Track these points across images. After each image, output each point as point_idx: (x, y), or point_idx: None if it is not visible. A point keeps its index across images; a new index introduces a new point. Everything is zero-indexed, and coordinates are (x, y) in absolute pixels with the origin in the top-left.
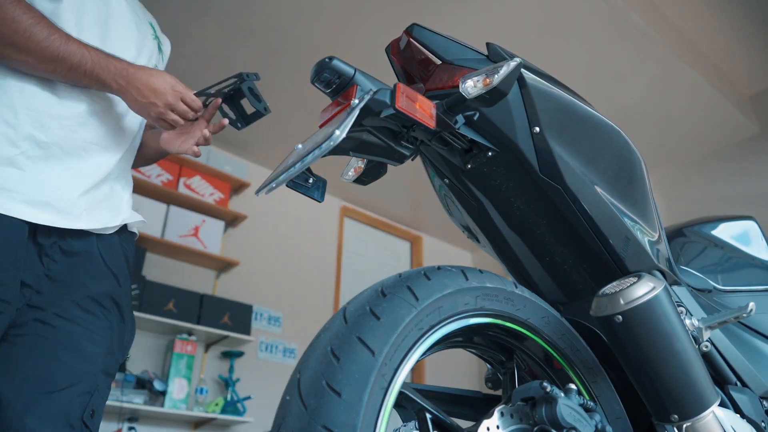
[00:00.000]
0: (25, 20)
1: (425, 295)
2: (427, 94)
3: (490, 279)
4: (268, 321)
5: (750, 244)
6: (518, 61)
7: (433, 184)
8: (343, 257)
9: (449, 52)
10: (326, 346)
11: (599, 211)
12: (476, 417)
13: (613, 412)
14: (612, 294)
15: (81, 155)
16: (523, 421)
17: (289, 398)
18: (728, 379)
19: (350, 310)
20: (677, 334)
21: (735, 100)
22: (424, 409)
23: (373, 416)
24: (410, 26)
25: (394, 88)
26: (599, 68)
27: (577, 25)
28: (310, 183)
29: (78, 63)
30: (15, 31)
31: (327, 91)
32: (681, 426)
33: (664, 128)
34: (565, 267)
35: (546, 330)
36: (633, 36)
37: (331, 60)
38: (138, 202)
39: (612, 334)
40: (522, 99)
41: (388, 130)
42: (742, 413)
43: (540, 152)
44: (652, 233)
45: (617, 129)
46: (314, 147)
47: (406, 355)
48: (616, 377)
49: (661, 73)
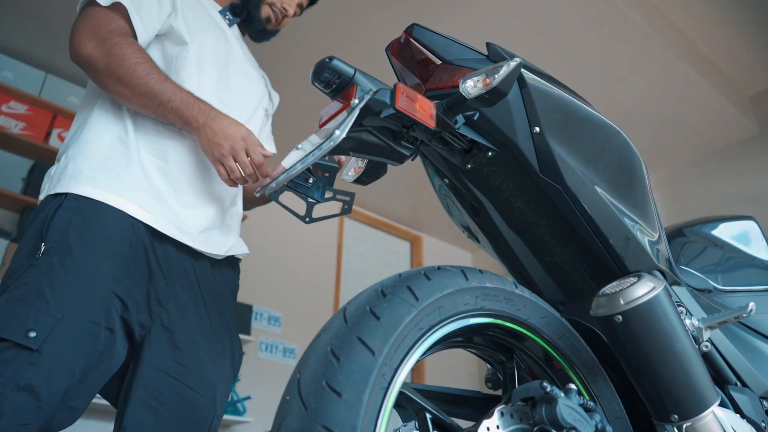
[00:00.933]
0: (132, 59)
1: (425, 295)
2: (427, 94)
3: (490, 279)
4: (268, 321)
5: (750, 244)
6: (518, 61)
7: (433, 184)
8: (343, 257)
9: (449, 52)
10: (326, 346)
11: (599, 211)
12: (476, 417)
13: (613, 412)
14: (612, 294)
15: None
16: (523, 421)
17: (289, 398)
18: (728, 379)
19: (350, 310)
20: (677, 334)
21: (735, 100)
22: (424, 409)
23: (373, 416)
24: (410, 26)
25: (394, 88)
26: (599, 68)
27: (577, 25)
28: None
29: (167, 100)
30: (121, 66)
31: (327, 91)
32: (681, 426)
33: (664, 128)
34: (565, 267)
35: (546, 330)
36: (633, 36)
37: (331, 60)
38: None
39: (612, 334)
40: (522, 99)
41: (388, 130)
42: (742, 413)
43: (540, 152)
44: (652, 233)
45: (617, 129)
46: (314, 147)
47: (406, 355)
48: (616, 377)
49: (661, 73)
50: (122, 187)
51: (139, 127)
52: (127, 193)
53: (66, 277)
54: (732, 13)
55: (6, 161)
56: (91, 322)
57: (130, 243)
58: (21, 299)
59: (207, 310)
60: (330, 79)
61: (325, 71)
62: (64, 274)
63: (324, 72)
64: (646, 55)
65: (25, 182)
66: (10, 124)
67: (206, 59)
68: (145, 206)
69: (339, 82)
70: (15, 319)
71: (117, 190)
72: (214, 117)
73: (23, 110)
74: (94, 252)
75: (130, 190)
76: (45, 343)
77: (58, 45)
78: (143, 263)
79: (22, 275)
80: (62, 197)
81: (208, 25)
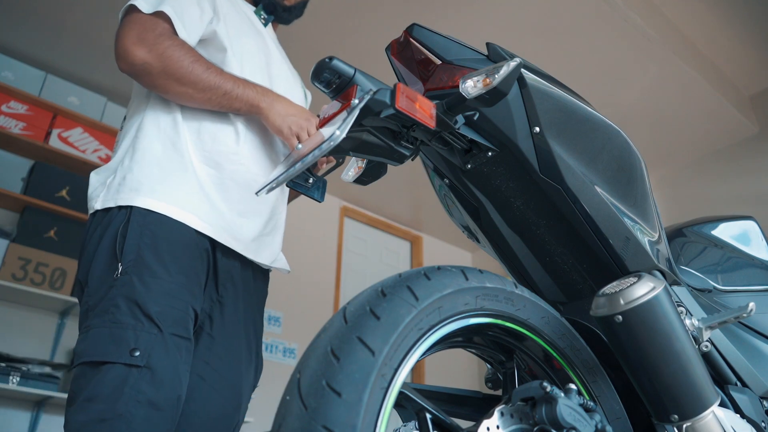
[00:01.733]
0: (188, 58)
1: (425, 295)
2: (427, 94)
3: (490, 279)
4: (268, 321)
5: (750, 244)
6: (518, 61)
7: (433, 184)
8: (343, 257)
9: (449, 52)
10: (326, 346)
11: (599, 211)
12: (476, 417)
13: (613, 412)
14: (612, 294)
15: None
16: (523, 421)
17: (289, 398)
18: (728, 379)
19: (350, 310)
20: (677, 334)
21: (735, 100)
22: (424, 409)
23: (373, 416)
24: (410, 26)
25: (394, 88)
26: (599, 68)
27: (577, 25)
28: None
29: (231, 89)
30: (180, 67)
31: (327, 91)
32: (681, 426)
33: (664, 128)
34: (565, 267)
35: (546, 330)
36: (633, 36)
37: (331, 60)
38: None
39: (612, 334)
40: (522, 99)
41: (388, 130)
42: (742, 413)
43: (540, 152)
44: (652, 233)
45: (617, 129)
46: (314, 147)
47: (406, 355)
48: (616, 377)
49: (661, 73)
50: (181, 198)
51: (192, 132)
52: (186, 205)
53: (149, 295)
54: (732, 13)
55: (6, 161)
56: (176, 335)
57: (196, 255)
58: (116, 322)
59: (244, 319)
60: (330, 79)
61: (325, 71)
62: (146, 291)
63: (324, 72)
64: (646, 55)
65: (25, 182)
66: (10, 124)
67: (249, 65)
68: (204, 217)
69: (339, 82)
70: (117, 341)
71: (177, 201)
72: (276, 98)
73: (23, 110)
74: (169, 267)
75: (189, 202)
76: (150, 358)
77: (58, 45)
78: (204, 273)
79: (106, 296)
80: (127, 211)
81: (247, 28)
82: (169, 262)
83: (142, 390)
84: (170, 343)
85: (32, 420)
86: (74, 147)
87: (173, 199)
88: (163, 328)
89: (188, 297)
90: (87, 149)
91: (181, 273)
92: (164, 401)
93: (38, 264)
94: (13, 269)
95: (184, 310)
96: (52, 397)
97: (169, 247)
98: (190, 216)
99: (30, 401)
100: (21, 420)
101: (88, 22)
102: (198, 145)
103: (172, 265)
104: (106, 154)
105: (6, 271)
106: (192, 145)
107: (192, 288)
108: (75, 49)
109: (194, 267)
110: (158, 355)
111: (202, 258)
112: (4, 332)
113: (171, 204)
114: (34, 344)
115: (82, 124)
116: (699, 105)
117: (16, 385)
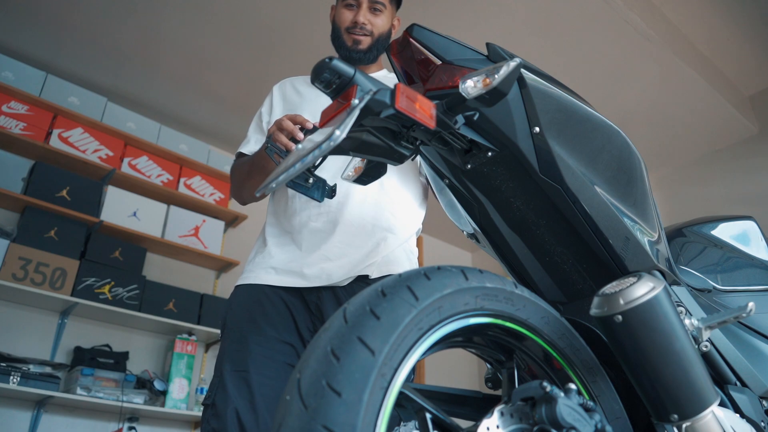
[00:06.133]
0: (243, 169)
1: (425, 295)
2: (427, 94)
3: (490, 279)
4: None
5: (749, 244)
6: (518, 61)
7: (433, 185)
8: None
9: (449, 52)
10: (326, 346)
11: (599, 211)
12: (476, 417)
13: (613, 412)
14: (612, 294)
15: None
16: (523, 421)
17: (289, 398)
18: (728, 379)
19: (350, 310)
20: (677, 334)
21: (735, 100)
22: (424, 409)
23: (373, 416)
24: (410, 26)
25: (394, 88)
26: (599, 68)
27: (577, 25)
28: (310, 183)
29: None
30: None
31: (327, 91)
32: (681, 426)
33: (663, 128)
34: (565, 267)
35: (546, 330)
36: (633, 36)
37: (331, 60)
38: (138, 202)
39: (611, 334)
40: (522, 99)
41: (388, 130)
42: (742, 413)
43: (540, 152)
44: (651, 233)
45: (617, 129)
46: (314, 147)
47: (406, 355)
48: (616, 377)
49: (661, 73)
50: (250, 268)
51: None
52: (248, 273)
53: (222, 345)
54: (732, 14)
55: (6, 161)
56: (238, 370)
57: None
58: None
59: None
60: (330, 79)
61: (325, 71)
62: (221, 344)
63: (324, 72)
64: (646, 55)
65: (25, 182)
66: (11, 124)
67: None
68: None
69: (339, 83)
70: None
71: (246, 272)
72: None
73: (23, 110)
74: (231, 324)
75: (253, 269)
76: (215, 397)
77: (58, 45)
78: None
79: None
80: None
81: (301, 103)
82: (230, 320)
83: (210, 422)
84: (233, 378)
85: (32, 420)
86: (75, 147)
87: (245, 272)
88: (227, 368)
89: (250, 336)
90: (87, 149)
91: (246, 321)
92: (224, 428)
93: (38, 264)
94: (13, 269)
95: (241, 348)
96: (52, 397)
97: (234, 309)
98: (250, 276)
99: (30, 401)
100: (21, 420)
101: (89, 22)
102: (268, 226)
103: (232, 322)
104: (107, 154)
105: (6, 271)
106: (265, 229)
107: (252, 328)
108: (75, 50)
109: (256, 311)
110: (220, 392)
111: (258, 303)
112: (4, 332)
113: (242, 275)
114: (34, 344)
115: (83, 124)
116: (698, 105)
117: (16, 385)
